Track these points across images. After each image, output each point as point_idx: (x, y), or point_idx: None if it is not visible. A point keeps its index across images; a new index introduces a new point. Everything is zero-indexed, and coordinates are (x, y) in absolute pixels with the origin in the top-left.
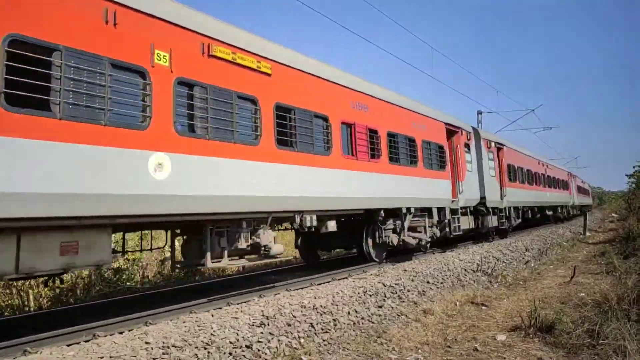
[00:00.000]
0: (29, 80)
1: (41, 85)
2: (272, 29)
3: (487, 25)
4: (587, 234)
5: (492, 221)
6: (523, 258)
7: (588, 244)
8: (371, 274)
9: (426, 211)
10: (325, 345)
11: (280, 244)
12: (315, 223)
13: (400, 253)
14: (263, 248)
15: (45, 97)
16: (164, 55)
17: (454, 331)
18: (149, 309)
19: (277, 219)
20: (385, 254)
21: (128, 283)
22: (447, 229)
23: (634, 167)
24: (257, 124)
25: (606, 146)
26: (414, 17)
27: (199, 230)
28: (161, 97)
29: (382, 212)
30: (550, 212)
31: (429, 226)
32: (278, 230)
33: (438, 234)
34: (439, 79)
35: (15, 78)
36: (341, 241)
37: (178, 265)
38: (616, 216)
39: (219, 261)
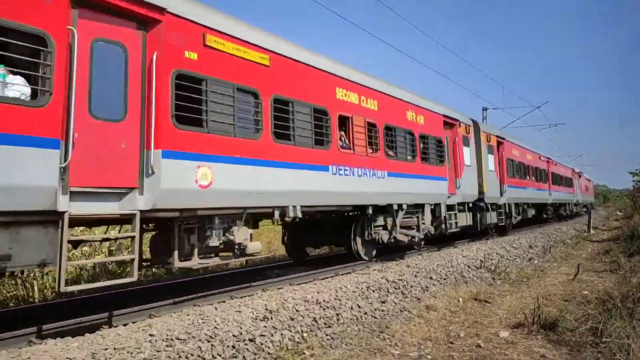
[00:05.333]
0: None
1: None
2: (270, 21)
3: (493, 20)
4: (592, 231)
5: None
6: (526, 255)
7: (592, 241)
8: (374, 270)
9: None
10: (328, 339)
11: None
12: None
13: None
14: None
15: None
16: None
17: (456, 327)
18: (152, 301)
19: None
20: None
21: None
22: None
23: None
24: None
25: (612, 144)
26: (419, 11)
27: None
28: None
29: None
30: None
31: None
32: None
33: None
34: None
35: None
36: None
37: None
38: (621, 214)
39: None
